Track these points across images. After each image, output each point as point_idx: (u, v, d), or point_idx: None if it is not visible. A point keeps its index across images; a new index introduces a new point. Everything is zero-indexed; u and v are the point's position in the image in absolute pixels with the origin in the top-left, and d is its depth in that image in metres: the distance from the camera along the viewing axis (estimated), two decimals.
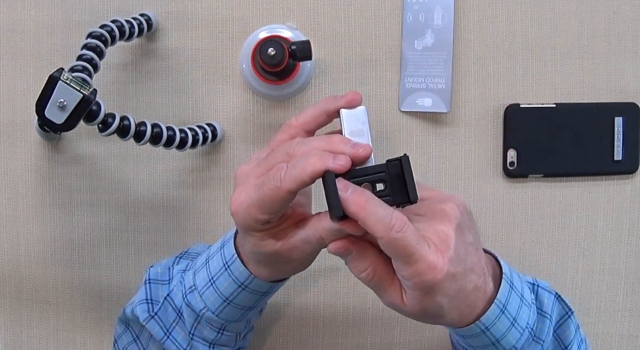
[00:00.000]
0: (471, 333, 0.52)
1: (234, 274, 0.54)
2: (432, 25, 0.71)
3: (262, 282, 0.54)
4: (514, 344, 0.53)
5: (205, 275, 0.55)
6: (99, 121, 0.59)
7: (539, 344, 0.55)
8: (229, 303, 0.55)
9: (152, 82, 0.73)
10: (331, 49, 0.72)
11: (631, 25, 0.73)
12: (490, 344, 0.52)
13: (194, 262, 0.58)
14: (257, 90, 0.72)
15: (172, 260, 0.62)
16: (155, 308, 0.59)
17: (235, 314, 0.56)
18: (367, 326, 0.75)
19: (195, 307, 0.56)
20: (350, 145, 0.49)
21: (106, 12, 0.72)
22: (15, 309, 0.76)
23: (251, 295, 0.55)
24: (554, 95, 0.73)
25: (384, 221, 0.45)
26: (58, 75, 0.56)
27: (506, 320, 0.52)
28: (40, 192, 0.74)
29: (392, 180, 0.49)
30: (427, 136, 0.73)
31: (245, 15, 0.72)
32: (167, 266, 0.62)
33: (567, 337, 0.58)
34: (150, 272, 0.61)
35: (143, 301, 0.59)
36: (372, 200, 0.46)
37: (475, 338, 0.52)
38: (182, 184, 0.74)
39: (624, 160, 0.73)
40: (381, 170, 0.49)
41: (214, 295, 0.55)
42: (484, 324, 0.51)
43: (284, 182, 0.47)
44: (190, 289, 0.56)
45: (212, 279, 0.55)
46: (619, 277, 0.75)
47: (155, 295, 0.59)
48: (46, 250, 0.75)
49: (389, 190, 0.49)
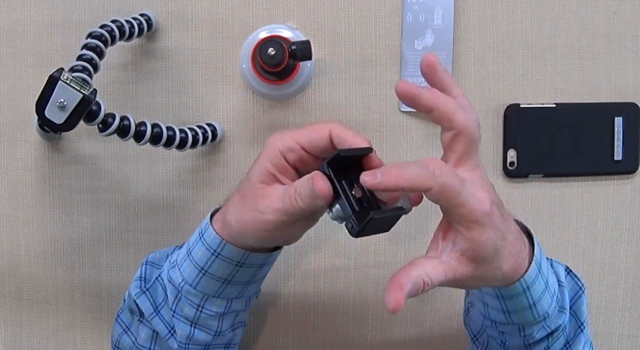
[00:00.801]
0: (514, 292, 0.52)
1: (207, 242, 0.55)
2: (432, 25, 0.71)
3: (234, 249, 0.55)
4: (546, 309, 0.54)
5: (184, 249, 0.57)
6: (99, 121, 0.59)
7: (563, 314, 0.56)
8: (204, 273, 0.55)
9: (152, 82, 0.73)
10: (331, 49, 0.72)
11: (631, 25, 0.73)
12: (527, 307, 0.53)
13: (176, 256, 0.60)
14: (257, 90, 0.72)
15: (171, 250, 0.63)
16: (148, 285, 0.60)
17: (212, 286, 0.56)
18: (367, 325, 0.75)
19: (175, 282, 0.57)
20: None
21: (106, 12, 0.72)
22: (15, 309, 0.76)
23: (225, 264, 0.55)
24: (554, 95, 0.73)
25: (424, 174, 0.46)
26: (58, 75, 0.56)
27: (542, 282, 0.53)
28: (40, 192, 0.74)
29: None
30: (427, 136, 0.73)
31: (245, 15, 0.72)
32: (166, 253, 0.63)
33: (582, 313, 0.59)
34: (149, 256, 0.63)
35: (137, 278, 0.61)
36: (399, 166, 0.46)
37: (516, 299, 0.53)
38: (182, 184, 0.74)
39: (624, 160, 0.73)
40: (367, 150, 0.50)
41: (190, 267, 0.56)
42: (526, 282, 0.51)
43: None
44: (172, 264, 0.58)
45: (189, 250, 0.56)
46: (619, 277, 0.75)
47: (149, 276, 0.61)
48: (46, 250, 0.75)
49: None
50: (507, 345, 0.59)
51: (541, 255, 0.54)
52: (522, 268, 0.51)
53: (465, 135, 0.48)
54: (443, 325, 0.76)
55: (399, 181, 0.45)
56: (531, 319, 0.54)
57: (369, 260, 0.74)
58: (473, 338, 0.64)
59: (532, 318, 0.54)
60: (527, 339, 0.56)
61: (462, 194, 0.46)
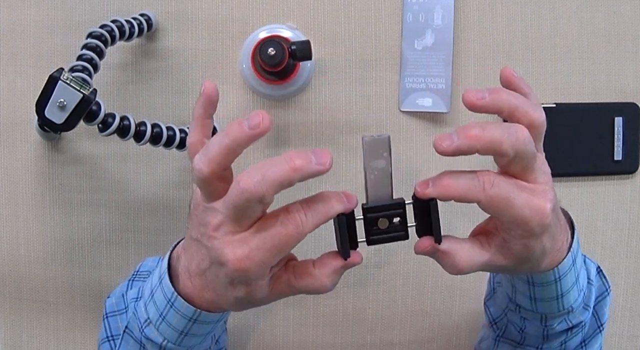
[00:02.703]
0: (545, 280, 0.52)
1: (180, 310, 0.51)
2: (432, 25, 0.71)
3: (210, 314, 0.52)
4: (572, 303, 0.53)
5: (154, 310, 0.52)
6: (99, 121, 0.59)
7: (587, 311, 0.56)
8: (185, 334, 0.52)
9: (152, 82, 0.73)
10: (331, 49, 0.72)
11: (631, 25, 0.73)
12: (554, 297, 0.52)
13: (144, 288, 0.55)
14: (257, 90, 0.72)
15: (125, 285, 0.60)
16: (117, 343, 0.56)
17: (196, 340, 0.54)
18: (367, 326, 0.75)
19: (155, 340, 0.53)
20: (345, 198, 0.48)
21: (106, 12, 0.72)
22: (15, 309, 0.76)
23: (205, 325, 0.53)
24: (554, 95, 0.73)
25: (473, 185, 0.46)
26: (58, 75, 0.56)
27: (573, 275, 0.52)
28: (40, 192, 0.74)
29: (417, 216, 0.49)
30: (427, 136, 0.73)
31: (245, 15, 0.72)
32: (120, 293, 0.59)
33: (603, 314, 0.59)
34: (107, 305, 0.58)
35: (104, 340, 0.57)
36: (450, 176, 0.46)
37: (546, 288, 0.52)
38: (182, 184, 0.74)
39: (624, 160, 0.73)
40: (399, 207, 0.49)
41: (168, 330, 0.52)
42: (559, 272, 0.51)
43: (305, 225, 0.46)
44: (146, 322, 0.53)
45: (161, 314, 0.52)
46: (619, 277, 0.75)
47: (115, 329, 0.57)
48: (46, 250, 0.75)
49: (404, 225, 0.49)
50: (525, 332, 0.58)
51: (578, 248, 0.53)
52: (559, 259, 0.51)
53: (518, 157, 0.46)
54: (443, 325, 0.75)
55: (449, 191, 0.46)
56: (555, 310, 0.54)
57: (369, 260, 0.74)
58: (492, 322, 0.63)
59: (556, 309, 0.53)
60: (547, 329, 0.56)
61: (514, 206, 0.46)
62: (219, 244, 0.46)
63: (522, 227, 0.46)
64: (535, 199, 0.46)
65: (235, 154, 0.45)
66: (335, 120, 0.73)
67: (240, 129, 0.44)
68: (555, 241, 0.49)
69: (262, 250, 0.45)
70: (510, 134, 0.45)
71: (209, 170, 0.45)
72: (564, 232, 0.51)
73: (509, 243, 0.48)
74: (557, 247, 0.50)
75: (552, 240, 0.48)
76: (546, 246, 0.48)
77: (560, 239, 0.50)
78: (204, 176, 0.46)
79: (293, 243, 0.46)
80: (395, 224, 0.49)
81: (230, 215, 0.45)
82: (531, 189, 0.47)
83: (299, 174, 0.44)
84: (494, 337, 0.63)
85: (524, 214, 0.46)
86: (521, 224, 0.46)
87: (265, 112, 0.44)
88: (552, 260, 0.50)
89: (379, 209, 0.48)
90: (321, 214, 0.46)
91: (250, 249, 0.45)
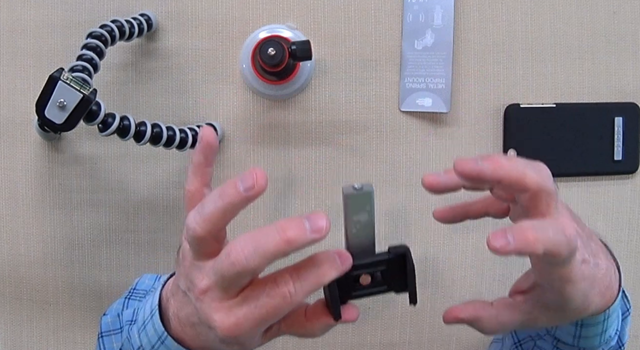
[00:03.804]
0: (595, 321, 0.50)
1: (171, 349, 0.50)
2: (432, 25, 0.71)
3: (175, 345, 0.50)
4: (611, 334, 0.52)
5: (147, 341, 0.51)
6: (99, 121, 0.59)
7: (617, 336, 0.54)
8: None
9: (152, 82, 0.73)
10: (331, 49, 0.72)
11: (631, 25, 0.73)
12: (598, 334, 0.51)
13: (138, 313, 0.54)
14: (257, 90, 0.72)
15: (121, 303, 0.59)
16: None
17: None
18: (367, 326, 0.75)
19: None
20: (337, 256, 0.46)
21: (106, 12, 0.72)
22: (15, 309, 0.76)
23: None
24: (554, 95, 0.73)
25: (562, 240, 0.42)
26: (58, 75, 0.56)
27: (616, 313, 0.51)
28: (40, 192, 0.74)
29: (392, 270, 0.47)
30: (427, 136, 0.73)
31: (245, 15, 0.72)
32: (117, 312, 0.58)
33: (624, 335, 0.57)
34: (102, 324, 0.57)
35: None
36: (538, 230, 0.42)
37: (594, 327, 0.50)
38: (182, 184, 0.74)
39: (624, 160, 0.73)
40: (382, 263, 0.47)
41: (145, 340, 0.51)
42: (610, 311, 0.49)
43: (295, 296, 0.44)
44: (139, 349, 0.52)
45: (153, 347, 0.50)
46: None
47: (110, 349, 0.56)
48: (46, 250, 0.75)
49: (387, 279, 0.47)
50: None
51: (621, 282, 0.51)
52: (611, 298, 0.48)
53: (543, 193, 0.45)
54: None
55: (536, 247, 0.41)
56: (597, 344, 0.52)
57: None
58: (516, 343, 0.60)
59: (598, 343, 0.52)
60: None
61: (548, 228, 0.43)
62: (207, 309, 0.44)
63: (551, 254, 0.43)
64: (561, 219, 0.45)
65: (232, 215, 0.43)
66: (335, 120, 0.73)
67: (236, 192, 0.42)
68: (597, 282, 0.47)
69: (251, 320, 0.44)
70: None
71: (203, 232, 0.44)
72: (609, 269, 0.48)
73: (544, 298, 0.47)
74: (603, 286, 0.47)
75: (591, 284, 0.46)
76: (586, 291, 0.46)
77: (605, 278, 0.48)
78: (197, 236, 0.44)
79: (282, 312, 0.44)
80: (376, 277, 0.47)
81: (218, 283, 0.44)
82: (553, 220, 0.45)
83: (293, 247, 0.41)
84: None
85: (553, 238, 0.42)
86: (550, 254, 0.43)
87: (259, 169, 0.42)
88: (603, 301, 0.48)
89: (363, 266, 0.46)
90: (312, 283, 0.44)
91: (238, 318, 0.44)
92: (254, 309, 0.43)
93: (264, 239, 0.41)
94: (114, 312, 0.58)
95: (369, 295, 0.47)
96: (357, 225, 0.45)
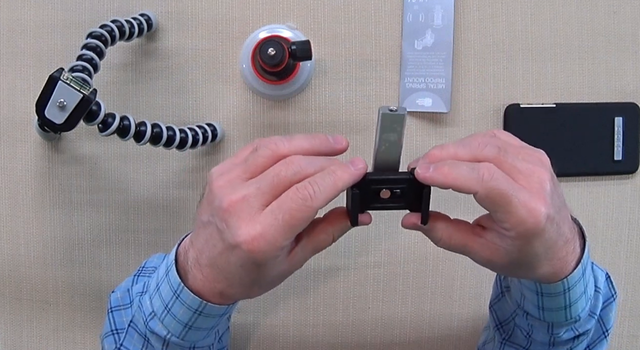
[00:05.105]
0: (554, 291, 0.51)
1: (186, 303, 0.51)
2: (432, 25, 0.71)
3: (216, 306, 0.51)
4: (579, 312, 0.53)
5: (160, 303, 0.53)
6: (99, 121, 0.59)
7: (593, 318, 0.56)
8: (190, 327, 0.52)
9: (152, 82, 0.73)
10: (331, 49, 0.72)
11: (631, 25, 0.73)
12: (562, 307, 0.52)
13: (149, 283, 0.56)
14: (257, 90, 0.72)
15: (130, 281, 0.60)
16: (121, 337, 0.56)
17: (200, 334, 0.54)
18: (367, 326, 0.75)
19: (159, 333, 0.53)
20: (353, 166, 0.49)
21: (106, 12, 0.72)
22: (15, 309, 0.76)
23: (210, 318, 0.53)
24: (554, 95, 0.73)
25: (472, 177, 0.46)
26: (58, 75, 0.56)
27: (582, 286, 0.52)
28: (40, 192, 0.74)
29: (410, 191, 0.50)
30: (427, 136, 0.73)
31: (245, 15, 0.72)
32: (126, 288, 0.59)
33: (609, 320, 0.58)
34: (112, 299, 0.58)
35: (109, 333, 0.57)
36: (452, 165, 0.47)
37: (554, 298, 0.52)
38: (182, 184, 0.74)
39: (624, 160, 0.73)
40: (403, 181, 0.50)
41: (173, 322, 0.52)
42: (569, 283, 0.51)
43: (315, 200, 0.46)
44: (150, 315, 0.53)
45: (167, 306, 0.52)
46: (619, 277, 0.74)
47: (120, 323, 0.57)
48: (46, 250, 0.75)
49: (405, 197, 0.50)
50: (532, 337, 0.58)
51: (587, 259, 0.53)
52: (564, 270, 0.50)
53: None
54: (443, 325, 0.76)
55: (447, 179, 0.46)
56: (563, 319, 0.53)
57: (369, 260, 0.74)
58: (498, 325, 0.63)
59: (564, 319, 0.53)
60: (553, 337, 0.56)
61: (512, 202, 0.45)
62: (234, 222, 0.46)
63: (515, 228, 0.46)
64: (532, 201, 0.46)
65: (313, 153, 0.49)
66: (335, 120, 0.73)
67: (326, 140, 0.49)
68: (555, 250, 0.49)
69: (275, 227, 0.45)
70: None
71: (289, 152, 0.48)
72: (570, 242, 0.50)
73: (501, 241, 0.48)
74: (558, 255, 0.49)
75: (548, 248, 0.48)
76: (539, 252, 0.48)
77: (564, 249, 0.50)
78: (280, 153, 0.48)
79: (304, 219, 0.46)
80: (396, 194, 0.50)
81: (258, 190, 0.46)
82: (530, 191, 0.46)
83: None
84: (499, 340, 0.63)
85: (519, 213, 0.46)
86: (514, 224, 0.46)
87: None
88: (554, 269, 0.50)
89: (385, 181, 0.49)
90: (329, 187, 0.46)
91: (264, 227, 0.46)
92: (278, 215, 0.45)
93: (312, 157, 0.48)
94: (124, 288, 0.59)
95: (386, 208, 0.50)
96: (386, 143, 0.49)
